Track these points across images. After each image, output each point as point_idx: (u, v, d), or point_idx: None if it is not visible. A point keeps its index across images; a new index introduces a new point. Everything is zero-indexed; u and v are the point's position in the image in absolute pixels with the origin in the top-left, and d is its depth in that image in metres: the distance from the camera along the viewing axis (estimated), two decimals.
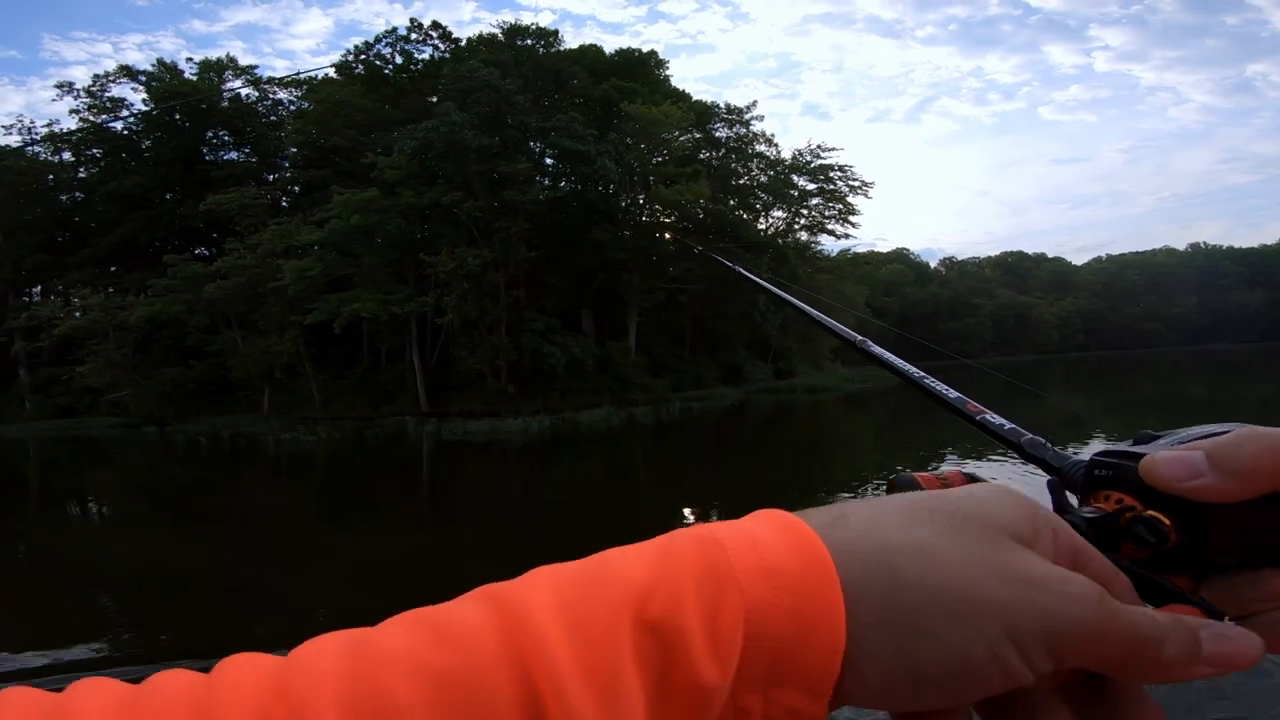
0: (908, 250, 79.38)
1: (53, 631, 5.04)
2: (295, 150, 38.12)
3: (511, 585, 0.23)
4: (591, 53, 36.62)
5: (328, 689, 0.20)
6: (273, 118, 40.69)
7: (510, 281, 26.95)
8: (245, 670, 0.22)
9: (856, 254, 53.19)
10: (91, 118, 38.63)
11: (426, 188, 25.80)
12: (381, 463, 15.99)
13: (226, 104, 38.57)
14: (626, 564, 0.23)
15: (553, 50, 34.82)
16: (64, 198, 40.03)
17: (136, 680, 0.22)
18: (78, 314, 32.79)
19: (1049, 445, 0.33)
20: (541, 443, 17.08)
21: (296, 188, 36.80)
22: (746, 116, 36.44)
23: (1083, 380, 35.06)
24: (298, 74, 41.94)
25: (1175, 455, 0.26)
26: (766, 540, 0.23)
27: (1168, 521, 0.27)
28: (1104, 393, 26.36)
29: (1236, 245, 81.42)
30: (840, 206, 36.28)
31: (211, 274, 28.68)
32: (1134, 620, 0.24)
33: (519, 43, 34.09)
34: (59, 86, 39.18)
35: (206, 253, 35.58)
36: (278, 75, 41.75)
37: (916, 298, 68.93)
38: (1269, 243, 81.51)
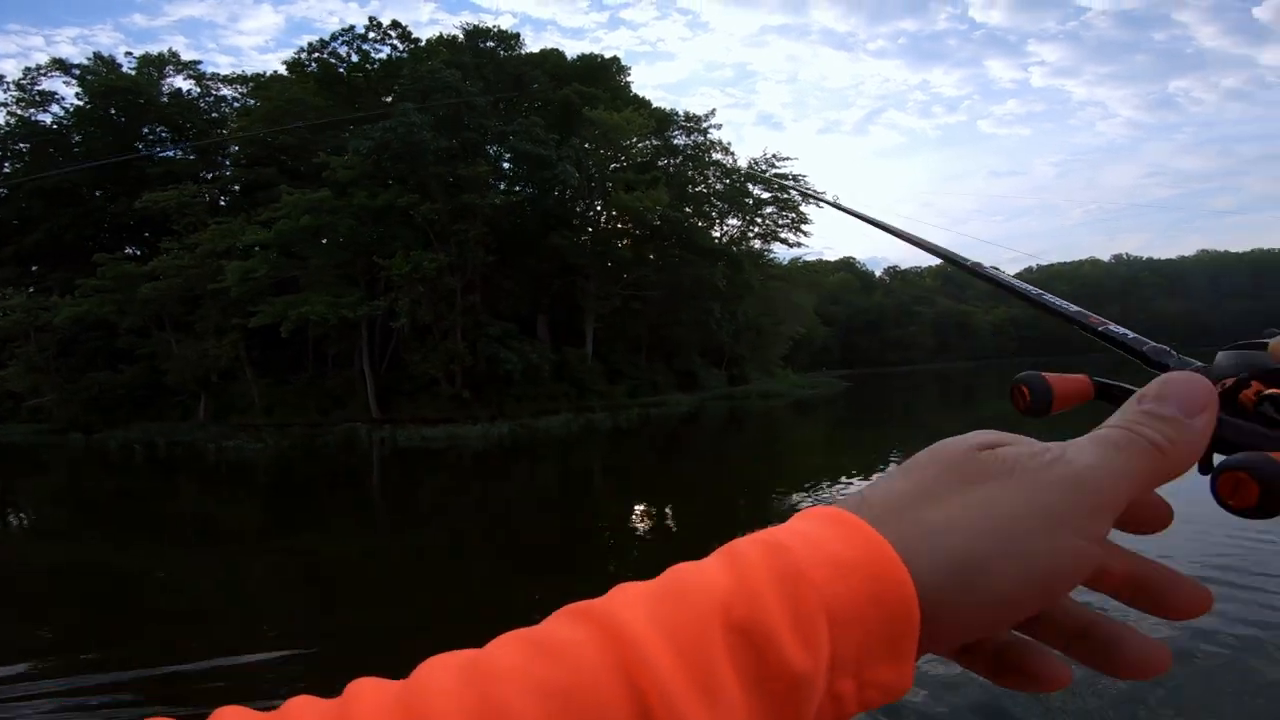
0: (854, 259, 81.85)
1: None
2: (237, 148, 36.66)
3: (601, 602, 0.24)
4: (553, 57, 36.50)
5: (451, 706, 0.21)
6: (214, 115, 39.04)
7: (466, 286, 26.49)
8: (371, 692, 0.22)
9: (806, 262, 54.43)
10: (20, 112, 36.40)
11: (381, 189, 25.15)
12: (335, 470, 15.47)
13: (166, 99, 36.82)
14: (702, 574, 0.24)
15: (514, 54, 34.55)
16: None
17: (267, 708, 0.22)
18: None
19: (1173, 353, 0.33)
20: (502, 449, 16.84)
21: (237, 186, 35.31)
22: (705, 125, 36.91)
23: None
24: (257, 74, 40.27)
25: None
26: (821, 535, 0.24)
27: None
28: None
29: (1156, 257, 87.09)
30: (793, 215, 37.08)
31: (146, 274, 27.22)
32: (1121, 438, 0.26)
33: (480, 45, 33.72)
34: None
35: (138, 252, 33.85)
36: (222, 72, 39.93)
37: (862, 305, 71.03)
38: (1186, 254, 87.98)
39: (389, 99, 33.29)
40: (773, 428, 21.61)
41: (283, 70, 37.23)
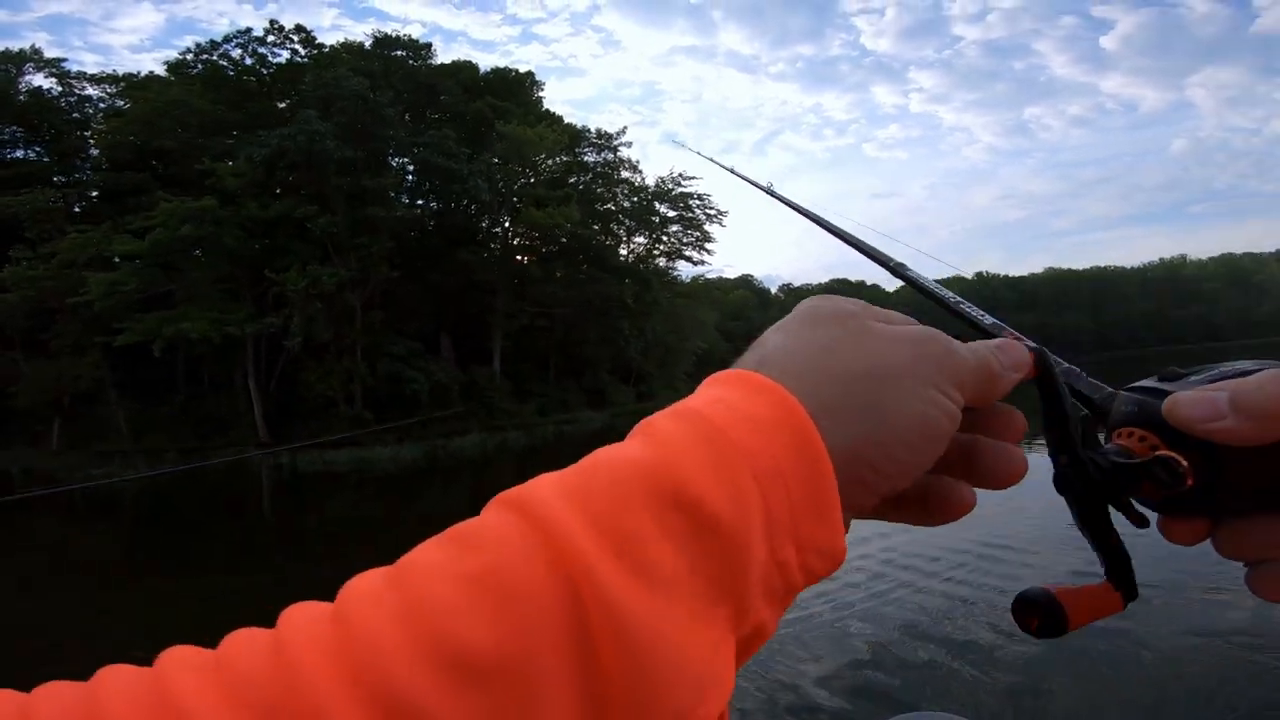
0: (752, 276, 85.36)
1: None
2: (98, 152, 33.25)
3: (522, 488, 0.25)
4: (466, 69, 35.84)
5: (382, 613, 0.21)
6: (76, 115, 35.25)
7: (367, 302, 25.34)
8: (304, 610, 0.23)
9: (708, 280, 56.25)
10: None
11: (273, 199, 23.64)
12: (222, 500, 14.25)
13: (24, 98, 32.88)
14: (621, 451, 0.25)
15: (425, 64, 33.65)
16: None
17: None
18: None
19: (1083, 375, 0.34)
20: (416, 471, 16.18)
21: (95, 193, 31.99)
22: (615, 142, 37.47)
23: None
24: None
25: (1198, 396, 0.26)
26: (734, 397, 0.25)
27: (1185, 463, 0.27)
28: None
29: (1010, 274, 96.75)
30: (698, 234, 38.28)
31: None
32: (974, 347, 0.31)
33: (389, 53, 32.56)
34: None
35: None
36: (89, 71, 35.92)
37: (760, 321, 73.90)
38: (1036, 271, 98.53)
39: (283, 104, 31.57)
40: None
41: (160, 71, 34.28)
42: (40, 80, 34.49)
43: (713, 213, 38.33)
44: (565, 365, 33.60)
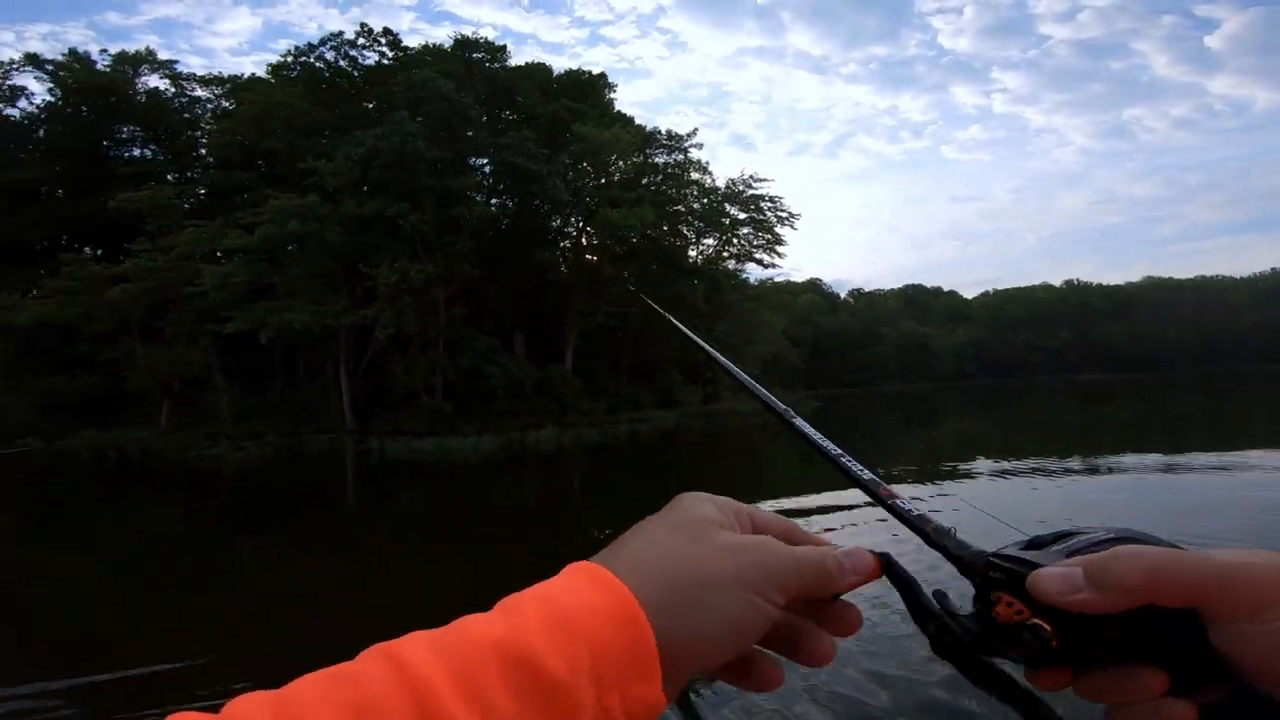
0: (821, 281, 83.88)
1: None
2: (207, 151, 35.91)
3: (393, 642, 0.31)
4: (541, 72, 36.76)
5: None
6: (188, 115, 38.19)
7: (450, 299, 26.46)
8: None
9: (775, 283, 55.70)
10: None
11: (368, 197, 25.00)
12: (322, 481, 15.25)
13: (142, 99, 35.93)
14: (483, 621, 0.32)
15: (502, 66, 34.74)
16: None
17: None
18: None
19: (953, 534, 0.38)
20: (496, 462, 16.84)
21: (203, 190, 34.48)
22: (686, 144, 37.63)
23: (974, 407, 38.25)
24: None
25: (1058, 573, 0.31)
26: (580, 586, 0.33)
27: (1049, 628, 0.31)
28: (990, 419, 28.83)
29: (1105, 282, 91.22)
30: (769, 236, 37.95)
31: (115, 276, 26.41)
32: (809, 555, 0.37)
33: (468, 55, 33.80)
34: None
35: (99, 254, 32.72)
36: (194, 73, 38.99)
37: (829, 327, 72.69)
38: (1133, 280, 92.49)
39: (369, 104, 33.31)
40: (754, 444, 22.06)
41: (260, 73, 36.77)
42: (155, 81, 37.65)
43: (784, 215, 37.99)
44: (636, 365, 34.10)
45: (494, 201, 32.48)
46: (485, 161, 31.41)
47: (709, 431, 25.71)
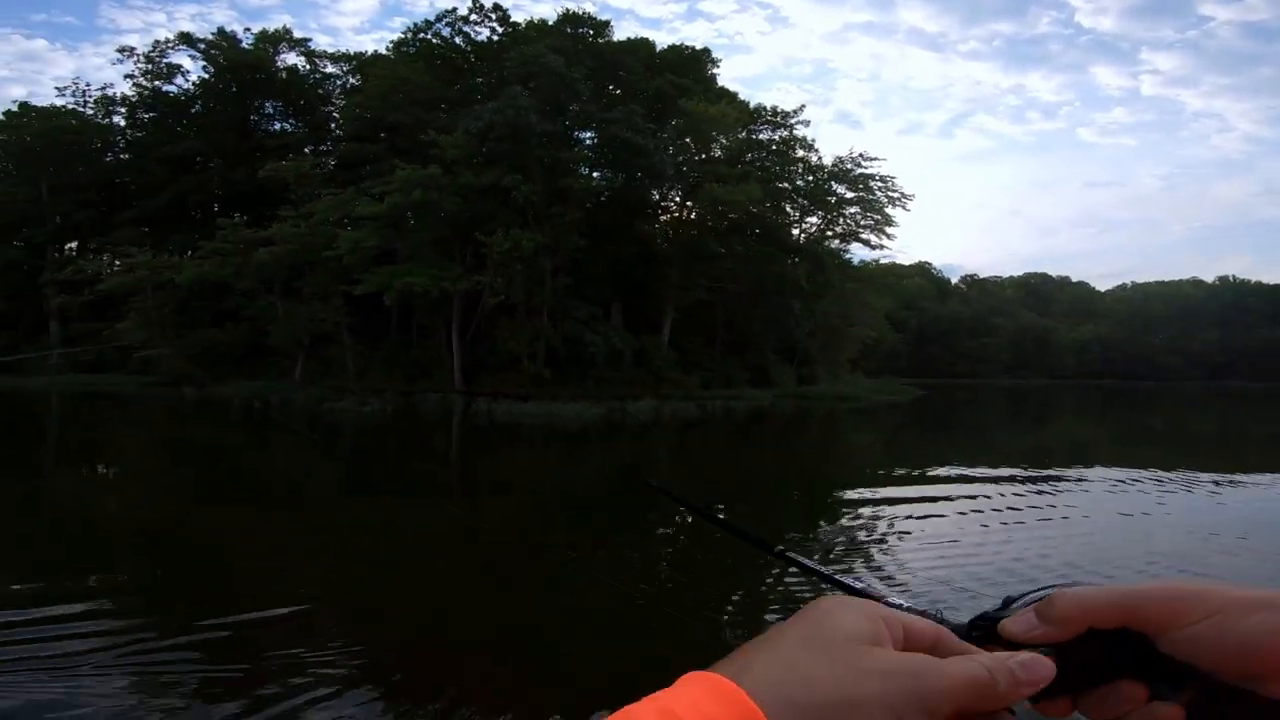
0: (930, 264, 79.77)
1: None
2: (339, 124, 38.84)
3: None
4: (643, 46, 37.01)
5: None
6: (320, 91, 41.37)
7: (555, 268, 27.58)
8: None
9: (880, 265, 53.67)
10: (146, 83, 39.56)
11: (484, 168, 26.36)
12: (446, 439, 16.36)
13: (283, 75, 39.32)
14: None
15: (606, 40, 35.30)
16: (108, 159, 40.71)
17: None
18: (101, 270, 33.52)
19: (940, 612, 0.42)
20: (598, 429, 17.60)
21: (333, 161, 37.28)
22: (791, 121, 36.89)
23: (1095, 408, 35.57)
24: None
25: (1019, 618, 0.39)
26: (699, 699, 0.31)
27: None
28: (1112, 422, 26.75)
29: (1265, 281, 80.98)
30: (878, 217, 36.70)
31: (262, 239, 29.31)
32: (969, 670, 0.34)
33: (574, 30, 34.55)
34: (120, 50, 39.99)
35: (247, 220, 36.29)
36: (325, 50, 42.00)
37: (936, 314, 69.24)
38: None
39: (479, 79, 34.84)
40: (843, 430, 21.74)
41: (380, 49, 39.19)
42: (292, 59, 40.95)
43: (896, 196, 36.57)
44: (730, 341, 34.22)
45: (597, 174, 33.29)
46: (589, 135, 32.23)
47: (799, 414, 25.53)
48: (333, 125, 40.03)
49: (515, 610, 4.73)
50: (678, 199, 34.77)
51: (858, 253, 41.49)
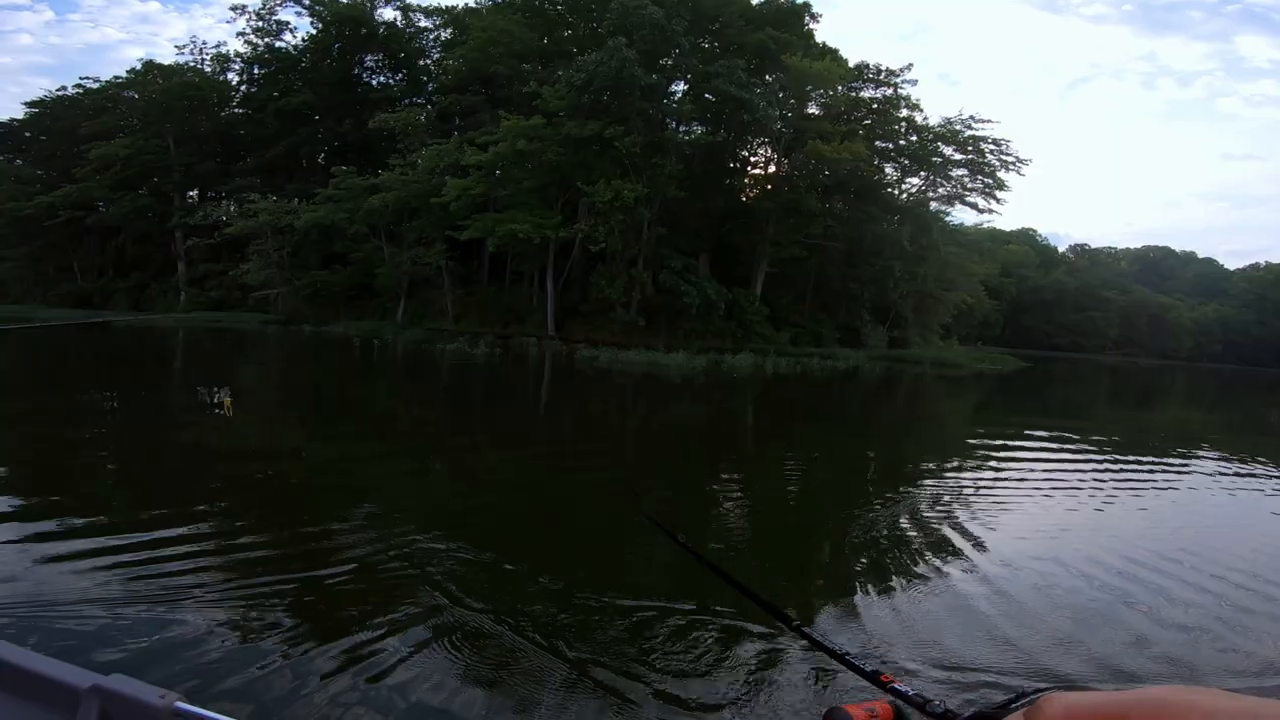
0: (1034, 231, 75.87)
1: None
2: (438, 76, 40.41)
3: None
4: (739, 0, 36.65)
5: None
6: (416, 45, 43.01)
7: (652, 219, 28.34)
8: None
9: (980, 229, 51.77)
10: (256, 40, 42.20)
11: (587, 119, 27.18)
12: (559, 383, 16.86)
13: (382, 30, 41.16)
14: None
15: None
16: (223, 114, 43.71)
17: None
18: (225, 216, 36.40)
19: (943, 704, 0.50)
20: (701, 381, 18.07)
21: (430, 111, 38.80)
22: (896, 79, 35.91)
23: (1209, 392, 33.63)
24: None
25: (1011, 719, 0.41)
26: None
27: None
28: (1227, 409, 25.21)
29: None
30: (989, 181, 35.62)
31: (370, 187, 31.36)
32: None
33: None
34: (233, 9, 42.46)
35: (355, 169, 38.51)
36: (420, 4, 43.33)
37: (1038, 283, 66.12)
38: None
39: (568, 32, 35.33)
40: (932, 395, 21.64)
41: (472, 3, 40.15)
42: (389, 13, 42.62)
43: (1010, 160, 35.34)
44: (820, 299, 34.26)
45: (693, 128, 33.51)
46: (684, 87, 32.43)
47: (889, 377, 25.43)
48: (424, 79, 41.70)
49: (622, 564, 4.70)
50: (766, 154, 34.75)
51: (956, 216, 40.23)
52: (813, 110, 33.43)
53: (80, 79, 50.68)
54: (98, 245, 42.10)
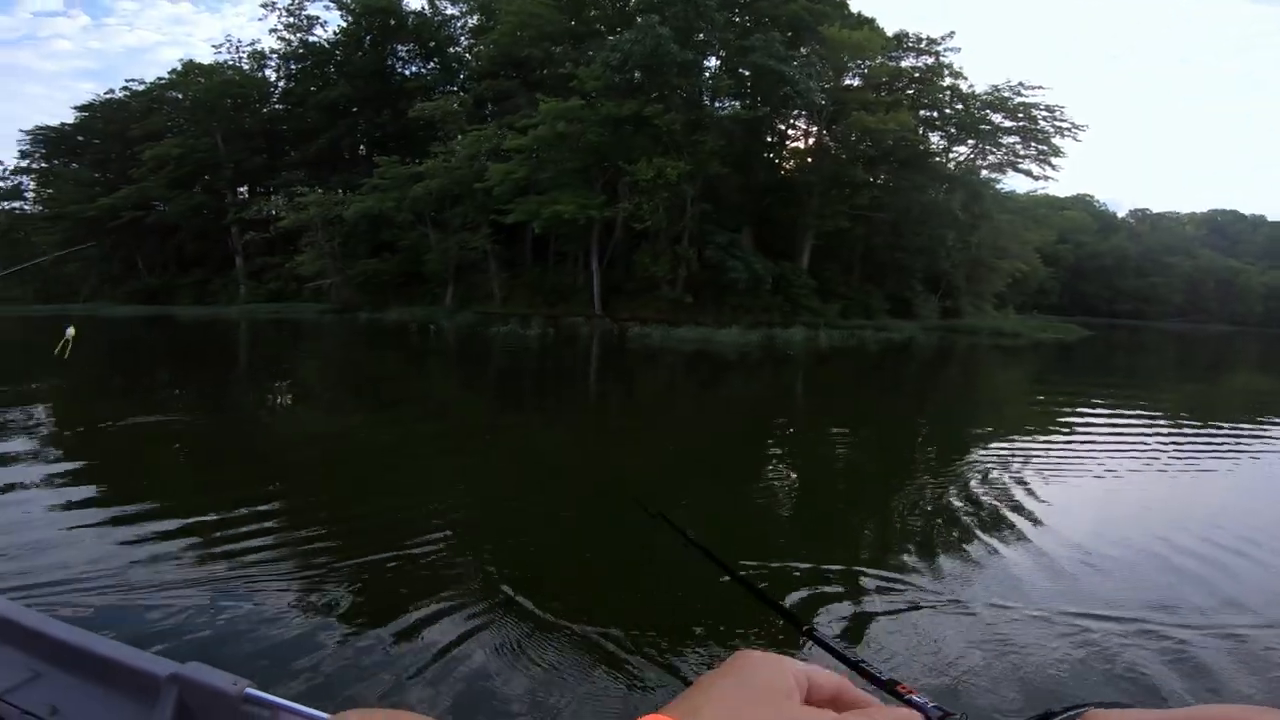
0: (1091, 196, 73.01)
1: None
2: (466, 63, 40.60)
3: None
4: None
5: None
6: (445, 33, 43.21)
7: (696, 195, 28.26)
8: None
9: (1033, 196, 50.20)
10: (289, 36, 42.97)
11: (624, 98, 27.13)
12: (617, 362, 17.01)
13: (411, 20, 41.47)
14: None
15: None
16: (265, 110, 44.76)
17: None
18: (275, 210, 37.43)
19: (964, 719, 0.47)
20: (755, 357, 17.94)
21: (465, 98, 39.01)
22: (938, 47, 34.88)
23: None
24: None
25: None
26: None
27: None
28: None
29: None
30: (1044, 147, 34.54)
31: (414, 175, 31.92)
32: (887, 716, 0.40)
33: None
34: (263, 5, 43.22)
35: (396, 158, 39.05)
36: None
37: (1097, 249, 63.82)
38: None
39: (594, 11, 35.01)
40: (986, 367, 21.03)
41: None
42: (416, 3, 42.79)
43: (1065, 126, 34.21)
44: (868, 271, 33.75)
45: (730, 103, 33.13)
46: (718, 62, 32.04)
47: (946, 348, 24.87)
48: (455, 66, 41.93)
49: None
50: (803, 127, 34.25)
51: (1008, 183, 39.14)
52: (852, 81, 32.77)
53: (126, 81, 52.62)
54: (158, 243, 43.86)
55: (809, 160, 32.99)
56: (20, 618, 1.22)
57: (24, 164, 47.59)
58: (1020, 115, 34.11)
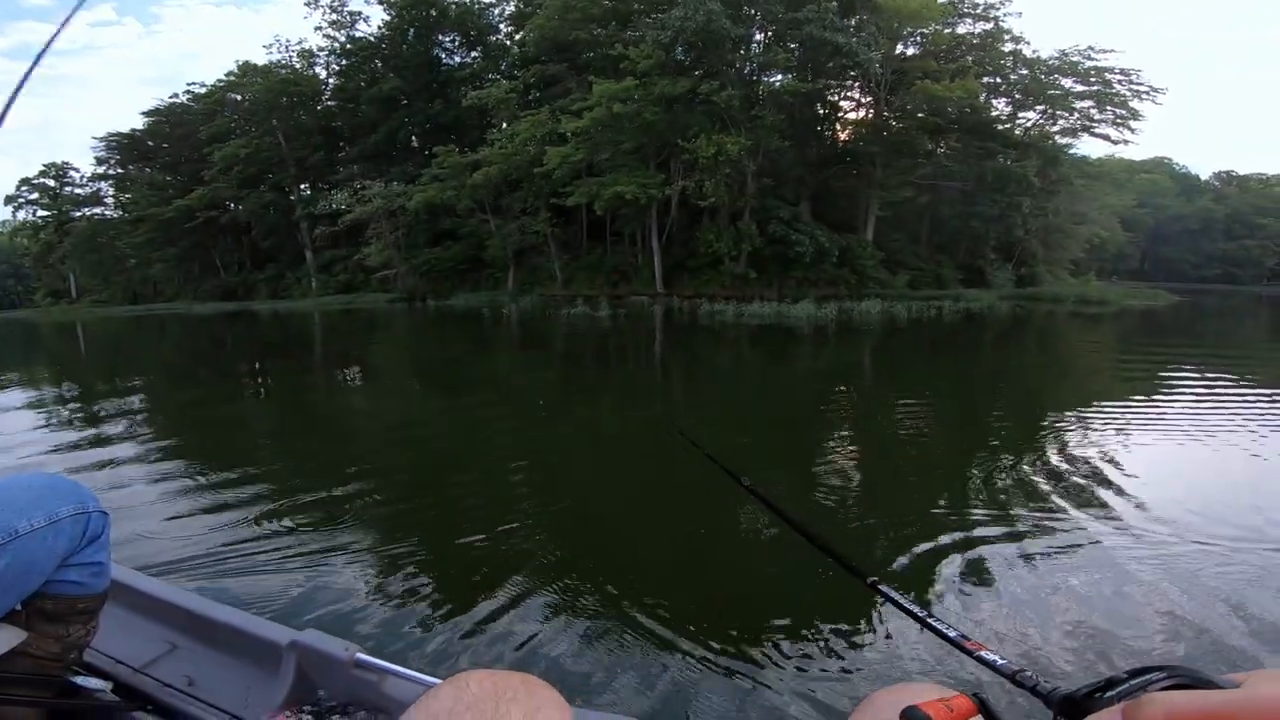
0: (1169, 159, 69.08)
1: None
2: (517, 48, 40.80)
3: None
4: None
5: None
6: (486, 21, 43.52)
7: (757, 170, 28.07)
8: None
9: (1111, 160, 47.92)
10: (334, 33, 44.00)
11: (677, 77, 27.06)
12: (716, 339, 16.48)
13: (453, 9, 41.94)
14: None
15: None
16: (319, 107, 46.07)
17: None
18: (341, 203, 38.66)
19: (1035, 677, 0.47)
20: (831, 331, 17.53)
21: (514, 84, 39.19)
22: (997, 12, 33.60)
23: None
24: None
25: (1104, 715, 0.39)
26: None
27: None
28: None
29: None
30: (1121, 111, 33.17)
31: (473, 163, 32.56)
32: None
33: None
34: (306, 4, 44.28)
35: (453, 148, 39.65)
36: None
37: (1180, 212, 60.63)
38: None
39: None
40: (1063, 336, 19.95)
41: None
42: None
43: (1143, 89, 32.87)
44: (937, 241, 32.97)
45: (781, 77, 32.64)
46: (760, 37, 31.54)
47: (1026, 318, 23.88)
48: (497, 54, 42.17)
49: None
50: (858, 98, 33.52)
51: (1082, 147, 37.63)
52: (905, 49, 32.02)
53: (188, 85, 54.96)
54: (233, 242, 45.97)
55: (867, 131, 32.34)
56: (161, 593, 1.32)
57: (100, 170, 50.55)
58: (1093, 79, 33.02)
